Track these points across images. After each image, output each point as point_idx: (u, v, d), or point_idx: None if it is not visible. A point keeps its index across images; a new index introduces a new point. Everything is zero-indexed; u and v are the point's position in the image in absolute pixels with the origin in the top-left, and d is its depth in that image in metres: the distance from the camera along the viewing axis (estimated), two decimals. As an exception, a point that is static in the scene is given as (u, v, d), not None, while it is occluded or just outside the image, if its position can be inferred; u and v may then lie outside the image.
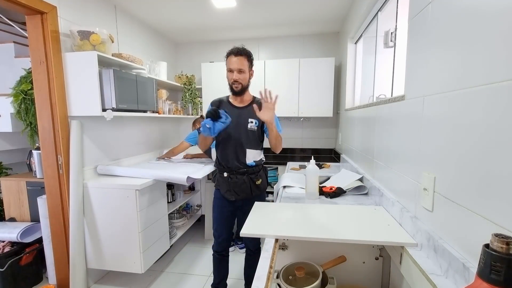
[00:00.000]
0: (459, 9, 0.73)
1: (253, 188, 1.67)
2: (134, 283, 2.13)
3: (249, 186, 1.66)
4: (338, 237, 1.00)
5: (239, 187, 1.64)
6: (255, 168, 1.69)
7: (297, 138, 3.53)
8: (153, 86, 2.43)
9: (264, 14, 2.69)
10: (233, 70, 1.54)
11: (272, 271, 0.86)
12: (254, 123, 1.63)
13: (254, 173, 1.68)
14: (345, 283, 1.20)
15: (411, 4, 1.05)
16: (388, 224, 1.09)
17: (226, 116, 1.45)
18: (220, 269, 1.84)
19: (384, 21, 1.75)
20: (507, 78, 0.55)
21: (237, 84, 1.56)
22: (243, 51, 1.56)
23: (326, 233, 1.03)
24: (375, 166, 1.53)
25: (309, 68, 3.03)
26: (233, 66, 1.54)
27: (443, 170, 0.79)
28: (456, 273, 0.69)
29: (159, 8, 2.52)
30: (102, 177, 2.12)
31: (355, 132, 2.14)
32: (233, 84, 1.57)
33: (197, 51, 3.63)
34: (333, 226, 1.11)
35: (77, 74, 1.88)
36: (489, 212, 0.61)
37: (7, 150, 2.47)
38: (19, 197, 2.16)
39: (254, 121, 1.64)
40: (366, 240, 0.98)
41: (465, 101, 0.69)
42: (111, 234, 1.97)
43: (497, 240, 0.44)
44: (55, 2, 1.82)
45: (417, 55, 0.99)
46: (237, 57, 1.53)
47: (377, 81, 1.91)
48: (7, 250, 1.95)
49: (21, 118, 2.04)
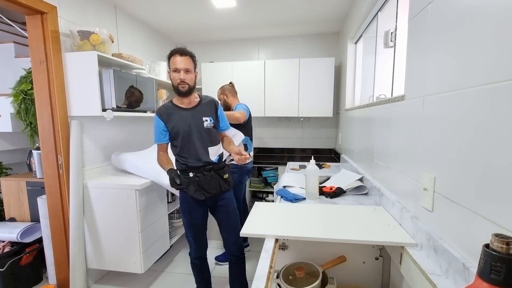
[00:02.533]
0: (459, 9, 0.73)
1: (221, 183, 1.61)
2: (134, 283, 2.13)
3: (218, 181, 1.59)
4: (338, 237, 1.00)
5: (208, 184, 1.56)
6: (220, 164, 1.64)
7: (297, 138, 3.54)
8: (153, 86, 2.43)
9: (264, 14, 2.69)
10: (180, 69, 1.46)
11: (272, 271, 0.86)
12: (209, 121, 1.60)
13: (220, 168, 1.62)
14: (345, 283, 1.20)
15: (411, 4, 1.05)
16: (388, 224, 1.09)
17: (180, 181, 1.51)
18: (203, 273, 1.77)
19: (384, 21, 1.75)
20: (507, 78, 0.55)
21: (184, 84, 1.48)
22: (188, 51, 1.50)
23: (326, 233, 1.03)
24: (375, 166, 1.53)
25: (309, 68, 3.03)
26: (179, 66, 1.46)
27: (443, 170, 0.79)
28: (456, 273, 0.69)
29: (159, 8, 2.52)
30: (102, 177, 2.12)
31: (355, 132, 2.14)
32: (179, 84, 1.48)
33: (197, 51, 3.57)
34: (333, 226, 1.11)
35: (77, 74, 1.88)
36: (489, 212, 0.61)
37: (7, 150, 2.47)
38: (19, 197, 2.16)
39: (209, 119, 1.60)
40: (366, 240, 0.98)
41: (465, 101, 0.69)
42: (111, 234, 1.97)
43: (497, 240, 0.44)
44: (55, 2, 1.82)
45: (417, 55, 0.99)
46: (183, 56, 1.47)
47: (377, 81, 1.91)
48: (7, 250, 1.95)
49: (21, 118, 2.04)
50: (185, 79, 1.48)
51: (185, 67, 1.48)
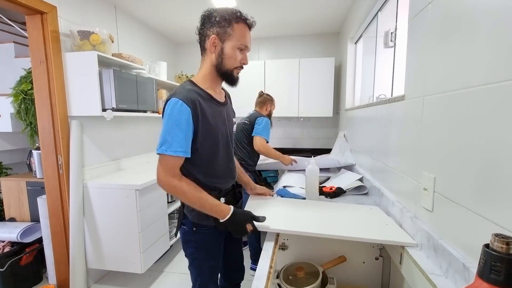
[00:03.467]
0: (459, 9, 0.73)
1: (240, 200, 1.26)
2: (134, 283, 2.13)
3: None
4: (338, 233, 0.99)
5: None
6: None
7: (297, 138, 3.54)
8: (153, 86, 2.44)
9: (264, 14, 2.69)
10: (248, 49, 1.04)
11: (272, 271, 0.86)
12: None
13: (238, 185, 1.27)
14: (345, 283, 1.20)
15: (411, 4, 1.05)
16: (386, 224, 1.08)
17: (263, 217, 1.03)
18: None
19: (384, 21, 1.75)
20: (507, 78, 0.55)
21: (240, 70, 1.06)
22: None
23: (325, 230, 1.01)
24: (375, 166, 1.53)
25: (309, 68, 3.03)
26: (249, 44, 1.03)
27: (443, 170, 0.79)
28: (456, 273, 0.69)
29: (159, 8, 2.52)
30: (102, 177, 2.12)
31: (355, 132, 2.14)
32: (237, 68, 1.03)
33: (197, 51, 3.59)
34: (331, 223, 1.10)
35: (77, 74, 1.88)
36: (489, 212, 0.61)
37: (7, 150, 2.47)
38: (19, 197, 2.16)
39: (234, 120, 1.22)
40: (367, 238, 0.97)
41: (465, 101, 0.69)
42: (111, 234, 1.97)
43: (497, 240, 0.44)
44: (55, 2, 1.82)
45: (417, 55, 0.99)
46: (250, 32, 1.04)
47: (377, 81, 1.91)
48: (7, 250, 1.95)
49: (21, 118, 2.04)
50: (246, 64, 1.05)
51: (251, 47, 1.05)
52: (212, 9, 1.02)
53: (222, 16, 0.98)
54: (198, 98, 0.96)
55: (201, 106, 0.96)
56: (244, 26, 1.00)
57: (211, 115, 1.00)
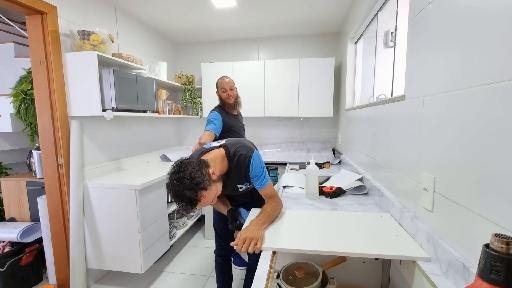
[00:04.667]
0: (459, 9, 0.73)
1: (253, 193, 1.47)
2: (134, 283, 2.13)
3: (249, 193, 1.49)
4: (343, 250, 0.93)
5: (239, 199, 1.50)
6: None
7: (297, 138, 3.53)
8: (153, 86, 2.43)
9: (264, 14, 2.69)
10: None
11: (272, 271, 0.86)
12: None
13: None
14: (345, 283, 1.20)
15: (411, 4, 1.05)
16: (397, 235, 1.01)
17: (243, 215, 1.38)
18: (225, 276, 1.69)
19: (384, 21, 1.75)
20: (507, 78, 0.55)
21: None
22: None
23: (330, 246, 0.95)
24: (375, 166, 1.53)
25: (309, 68, 3.03)
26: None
27: (443, 170, 0.79)
28: (456, 273, 0.69)
29: (159, 8, 2.52)
30: (102, 177, 2.12)
31: (355, 132, 2.14)
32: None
33: (197, 51, 3.63)
34: (336, 236, 1.03)
35: (77, 74, 1.88)
36: (489, 212, 0.61)
37: (7, 150, 2.47)
38: (19, 197, 2.16)
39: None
40: (376, 254, 0.90)
41: (465, 101, 0.69)
42: (111, 234, 1.97)
43: (497, 240, 0.44)
44: (55, 2, 1.82)
45: (417, 55, 0.99)
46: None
47: (377, 81, 1.91)
48: (7, 250, 1.95)
49: (21, 118, 2.04)
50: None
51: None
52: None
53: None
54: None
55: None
56: None
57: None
